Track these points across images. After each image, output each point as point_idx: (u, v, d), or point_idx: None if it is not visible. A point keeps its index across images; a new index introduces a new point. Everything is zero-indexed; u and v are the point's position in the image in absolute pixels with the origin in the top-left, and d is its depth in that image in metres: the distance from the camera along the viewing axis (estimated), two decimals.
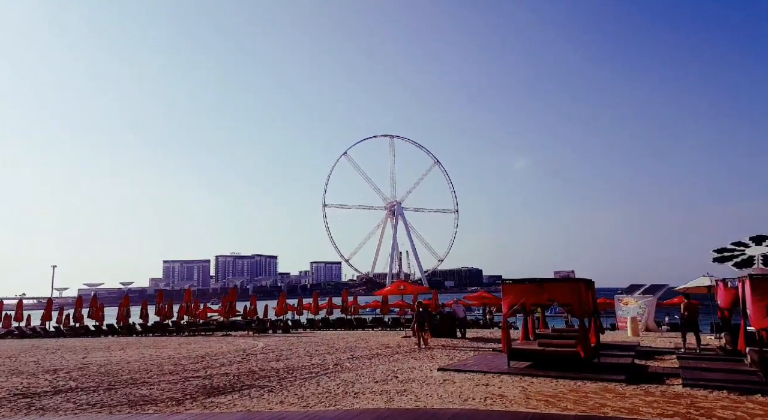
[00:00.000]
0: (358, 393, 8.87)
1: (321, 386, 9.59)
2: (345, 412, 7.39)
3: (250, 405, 8.08)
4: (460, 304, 26.86)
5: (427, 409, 7.42)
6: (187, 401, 8.45)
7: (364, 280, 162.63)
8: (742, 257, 15.38)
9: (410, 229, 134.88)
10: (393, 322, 29.43)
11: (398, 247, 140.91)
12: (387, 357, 13.98)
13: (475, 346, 16.67)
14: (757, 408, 7.30)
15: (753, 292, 9.07)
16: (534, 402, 7.82)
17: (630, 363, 11.63)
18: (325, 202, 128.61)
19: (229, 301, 29.36)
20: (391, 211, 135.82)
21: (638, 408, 7.33)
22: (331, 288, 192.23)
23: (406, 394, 8.62)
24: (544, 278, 11.75)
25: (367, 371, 11.32)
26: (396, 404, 7.90)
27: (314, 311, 33.35)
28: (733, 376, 9.50)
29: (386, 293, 27.98)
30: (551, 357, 10.98)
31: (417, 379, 10.06)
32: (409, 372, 11.08)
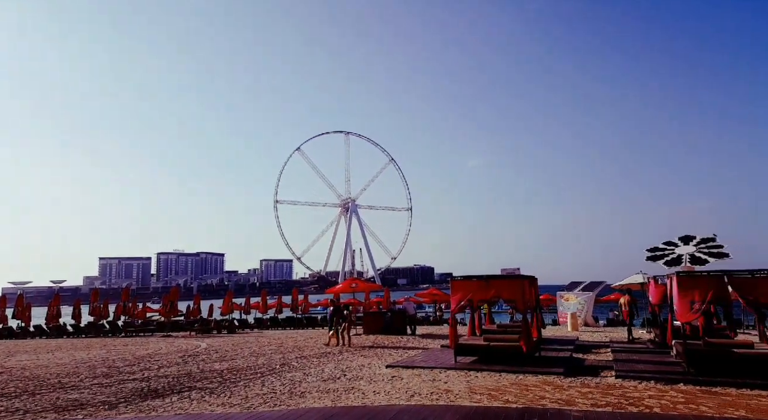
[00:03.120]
0: (304, 392, 8.75)
1: (266, 387, 9.38)
2: (290, 411, 7.26)
3: (189, 407, 7.77)
4: (411, 301, 27.14)
5: (374, 406, 7.41)
6: (121, 405, 8.03)
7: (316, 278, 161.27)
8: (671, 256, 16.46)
9: (364, 227, 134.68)
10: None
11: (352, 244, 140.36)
12: (336, 355, 13.88)
13: (424, 342, 16.88)
14: (680, 396, 7.80)
15: (679, 289, 9.68)
16: (478, 396, 7.99)
17: (568, 356, 12.15)
18: (276, 199, 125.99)
19: (171, 300, 28.19)
20: (345, 209, 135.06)
21: (574, 399, 7.65)
22: (282, 286, 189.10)
23: (353, 392, 8.58)
24: (491, 275, 12.03)
25: (315, 370, 11.19)
26: (343, 402, 7.84)
27: (262, 310, 32.69)
28: (661, 367, 10.11)
29: (338, 291, 27.80)
30: (496, 352, 11.27)
31: (365, 377, 10.04)
32: (357, 370, 11.05)
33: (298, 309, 32.41)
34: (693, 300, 9.45)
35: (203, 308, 31.70)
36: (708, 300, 9.46)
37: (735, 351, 9.40)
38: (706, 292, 9.43)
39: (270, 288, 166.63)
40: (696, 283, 9.66)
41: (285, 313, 33.88)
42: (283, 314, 33.29)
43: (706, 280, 9.71)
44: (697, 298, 9.42)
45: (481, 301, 14.22)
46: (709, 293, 9.45)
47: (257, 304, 34.14)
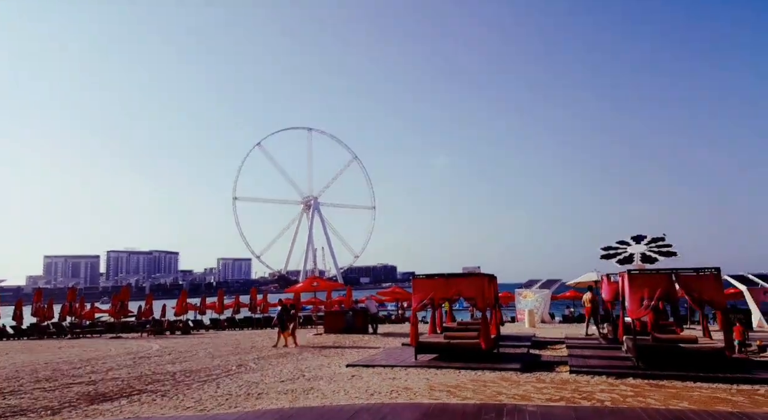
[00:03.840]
0: (261, 394, 8.53)
1: (221, 389, 9.10)
2: (245, 413, 7.06)
3: (139, 411, 7.43)
4: (373, 300, 27.12)
5: (333, 406, 7.31)
6: (64, 410, 7.58)
7: (276, 277, 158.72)
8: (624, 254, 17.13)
9: (326, 225, 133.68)
10: (305, 320, 28.98)
11: (314, 243, 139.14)
12: (295, 356, 13.67)
13: (386, 341, 16.87)
14: (629, 390, 8.10)
15: (630, 286, 10.06)
16: (437, 393, 8.03)
17: (525, 353, 12.42)
18: (235, 195, 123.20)
19: (121, 300, 27.01)
20: (307, 206, 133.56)
21: (530, 394, 7.80)
22: (240, 286, 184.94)
23: (312, 392, 8.44)
24: (452, 273, 12.13)
25: (272, 371, 10.96)
26: (301, 403, 7.70)
27: (219, 310, 31.83)
28: (612, 362, 10.48)
29: (298, 290, 27.47)
30: (456, 349, 11.38)
31: (325, 377, 9.92)
32: (317, 370, 10.91)
33: (257, 309, 31.75)
34: (643, 297, 9.84)
35: (156, 308, 30.50)
36: (657, 297, 9.88)
37: (680, 346, 9.86)
38: (655, 289, 9.85)
39: (227, 287, 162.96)
40: (646, 281, 10.06)
41: (243, 313, 33.15)
42: (240, 314, 32.57)
43: (655, 277, 10.14)
44: (647, 295, 9.82)
45: (442, 299, 14.34)
46: (658, 290, 9.87)
47: (213, 304, 33.24)
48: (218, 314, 31.96)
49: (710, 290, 9.66)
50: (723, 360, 9.25)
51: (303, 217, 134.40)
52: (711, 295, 9.68)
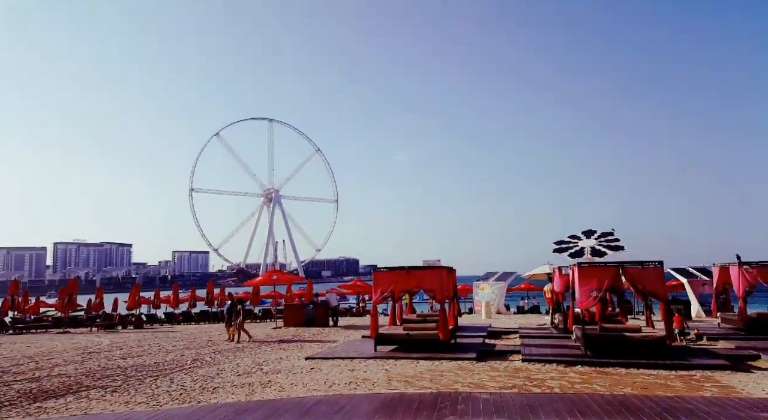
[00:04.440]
0: (217, 388, 8.41)
1: (175, 383, 8.90)
2: (200, 408, 6.95)
3: (87, 408, 7.17)
4: (333, 292, 27.12)
5: (291, 399, 7.30)
6: (3, 409, 7.22)
7: (235, 270, 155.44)
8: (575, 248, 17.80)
9: (288, 218, 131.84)
10: (264, 314, 28.62)
11: (274, 236, 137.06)
12: (253, 349, 13.51)
13: (346, 333, 16.92)
14: (577, 377, 8.49)
15: (579, 278, 10.50)
16: (395, 383, 8.15)
17: (481, 343, 12.76)
18: (192, 186, 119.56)
19: (69, 293, 25.79)
20: (267, 199, 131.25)
21: (484, 382, 8.05)
22: (197, 279, 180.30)
23: (270, 386, 8.40)
24: (412, 266, 12.27)
25: (229, 365, 10.81)
26: (258, 396, 7.64)
27: (174, 304, 30.95)
28: (562, 350, 10.93)
29: (257, 284, 27.05)
30: (415, 340, 11.55)
31: (283, 370, 9.87)
32: (275, 363, 10.83)
33: (214, 303, 31.08)
34: (591, 288, 10.30)
35: (107, 302, 29.31)
36: (604, 288, 10.37)
37: (625, 335, 10.39)
38: (603, 281, 10.33)
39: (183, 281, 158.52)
40: (594, 273, 10.53)
41: (199, 307, 32.37)
42: (197, 308, 31.78)
43: (603, 270, 10.62)
44: (595, 287, 10.29)
45: (402, 292, 14.54)
46: (606, 282, 10.36)
47: (168, 297, 32.28)
48: (173, 308, 31.07)
49: (653, 282, 10.22)
50: (664, 348, 9.81)
51: (263, 209, 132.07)
52: (654, 287, 10.24)
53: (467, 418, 5.80)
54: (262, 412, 6.48)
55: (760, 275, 13.41)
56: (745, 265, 13.58)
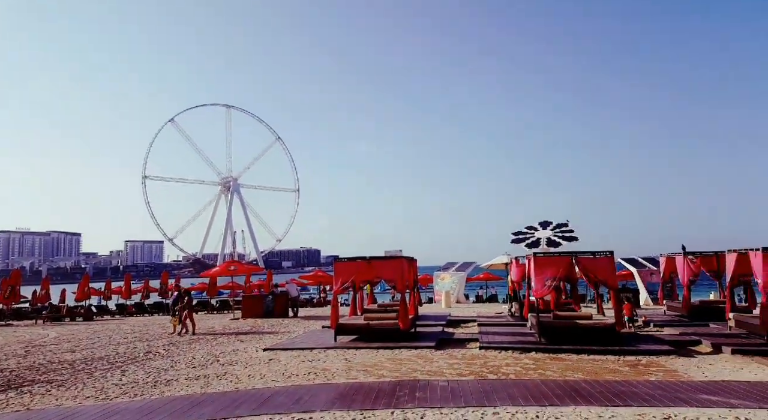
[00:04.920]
0: (171, 380, 8.18)
1: (127, 376, 8.59)
2: (153, 401, 6.73)
3: (30, 403, 6.81)
4: (294, 283, 26.83)
5: (247, 390, 7.18)
6: None
7: (191, 261, 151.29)
8: (532, 239, 18.27)
9: (247, 207, 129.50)
10: (221, 305, 28.03)
11: (233, 225, 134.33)
12: (210, 341, 13.21)
13: (306, 324, 16.79)
14: (532, 363, 8.76)
15: (535, 268, 10.80)
16: (355, 372, 8.15)
17: (440, 331, 12.96)
18: (145, 174, 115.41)
19: (11, 284, 24.36)
20: (225, 187, 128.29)
21: (442, 370, 8.17)
22: (150, 270, 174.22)
23: (226, 377, 8.23)
24: (373, 256, 12.27)
25: (184, 357, 10.52)
26: (214, 388, 7.48)
27: (126, 295, 29.85)
28: (518, 338, 11.24)
29: (214, 274, 26.41)
30: (375, 330, 11.59)
31: (240, 361, 9.69)
32: (232, 354, 10.63)
33: (168, 294, 30.16)
34: (546, 277, 10.61)
35: (54, 294, 27.95)
36: (558, 277, 10.72)
37: (577, 322, 10.78)
38: (557, 270, 10.66)
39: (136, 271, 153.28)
40: (549, 263, 10.85)
41: (153, 298, 31.36)
42: (150, 299, 30.77)
43: (558, 260, 10.96)
44: (550, 276, 10.61)
45: (363, 282, 14.56)
46: (560, 271, 10.70)
47: (120, 288, 31.09)
48: (125, 299, 29.97)
49: (604, 272, 10.63)
50: (613, 335, 10.25)
51: (221, 198, 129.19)
52: (605, 276, 10.66)
53: (425, 405, 5.87)
54: (217, 404, 6.34)
55: (703, 265, 14.21)
56: (689, 256, 14.34)
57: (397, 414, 5.57)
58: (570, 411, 5.50)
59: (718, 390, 6.35)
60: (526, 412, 5.49)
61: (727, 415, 5.21)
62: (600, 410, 5.51)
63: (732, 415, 5.23)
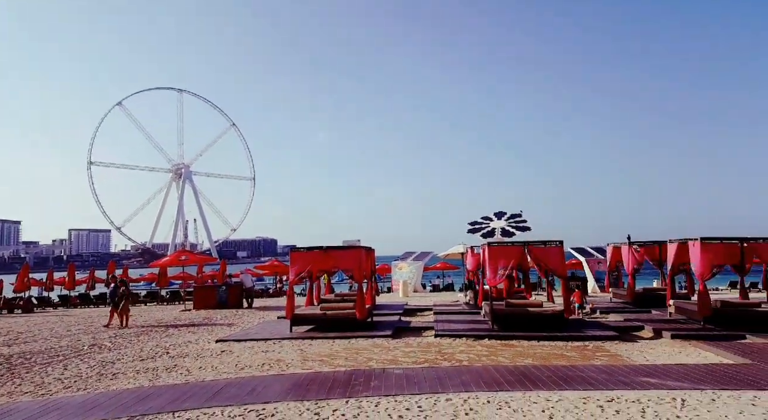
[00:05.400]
0: (117, 373, 7.86)
1: (69, 370, 8.19)
2: (97, 395, 6.44)
3: None
4: (248, 273, 26.30)
5: (198, 382, 6.99)
6: None
7: (140, 250, 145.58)
8: (487, 229, 18.64)
9: (199, 195, 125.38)
10: (172, 296, 27.17)
11: (185, 214, 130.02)
12: (160, 332, 12.78)
13: (261, 315, 16.51)
14: (484, 350, 8.97)
15: (489, 257, 11.03)
16: (310, 363, 8.09)
17: (397, 320, 13.06)
18: (90, 159, 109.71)
19: None
20: (177, 175, 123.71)
21: (398, 358, 8.24)
22: (96, 260, 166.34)
23: (176, 370, 7.99)
24: (330, 246, 12.18)
25: (131, 350, 10.13)
26: (163, 381, 7.24)
27: (69, 286, 28.36)
28: (472, 325, 11.48)
29: (164, 265, 25.51)
30: (331, 320, 11.53)
31: (191, 354, 9.42)
32: (183, 346, 10.32)
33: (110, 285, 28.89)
34: (500, 267, 10.86)
35: None
36: (511, 266, 11.00)
37: (528, 310, 11.13)
38: (510, 259, 10.93)
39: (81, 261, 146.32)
40: (502, 252, 11.10)
41: (99, 289, 29.96)
42: (96, 290, 29.41)
43: (511, 249, 11.23)
44: (503, 265, 10.86)
45: (320, 272, 14.41)
46: (512, 261, 10.98)
47: (63, 279, 29.52)
48: (69, 290, 28.51)
49: (554, 260, 11.00)
50: (562, 321, 10.64)
51: (172, 186, 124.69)
52: (555, 264, 11.02)
53: (380, 393, 5.89)
54: (166, 397, 6.13)
55: (646, 254, 14.95)
56: (634, 245, 15.06)
57: (351, 403, 5.57)
58: (520, 395, 5.67)
59: (658, 373, 6.71)
60: (477, 398, 5.61)
61: (665, 397, 5.52)
62: (548, 394, 5.71)
63: (669, 396, 5.54)
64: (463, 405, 5.37)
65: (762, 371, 6.66)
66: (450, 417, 5.00)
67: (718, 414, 4.89)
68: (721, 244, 10.58)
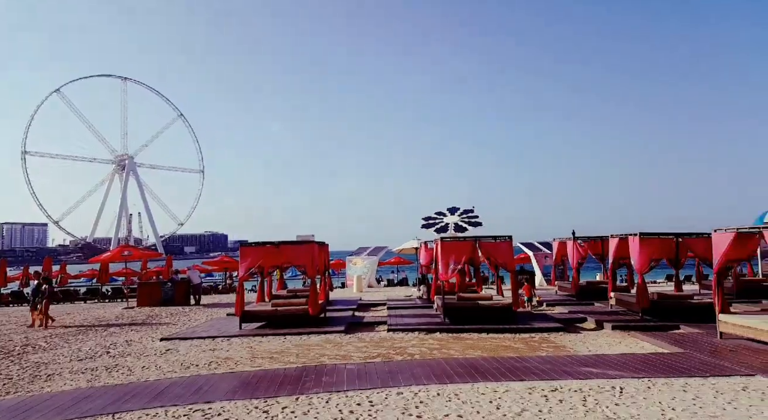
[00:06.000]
0: (52, 375, 7.41)
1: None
2: (29, 398, 6.03)
3: None
4: (196, 269, 25.44)
5: (141, 382, 6.68)
6: None
7: (80, 245, 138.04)
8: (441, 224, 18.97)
9: (144, 188, 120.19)
10: (114, 293, 25.94)
11: (128, 207, 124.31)
12: (100, 331, 12.15)
13: (209, 312, 16.02)
14: (436, 343, 9.10)
15: (442, 252, 11.19)
16: (260, 360, 7.92)
17: (351, 315, 13.03)
18: (25, 149, 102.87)
19: None
20: (120, 166, 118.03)
21: (350, 354, 8.21)
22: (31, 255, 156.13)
23: (117, 370, 7.62)
24: (282, 241, 11.95)
25: (68, 350, 9.57)
26: (102, 382, 6.89)
27: (1, 283, 26.51)
28: (425, 319, 11.62)
29: (106, 260, 24.28)
30: (283, 316, 11.35)
31: (134, 353, 9.02)
32: (124, 346, 9.86)
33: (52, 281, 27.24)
34: (452, 261, 11.04)
35: None
36: (463, 261, 11.21)
37: (479, 303, 11.38)
38: (462, 254, 11.13)
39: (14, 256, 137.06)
40: (455, 247, 11.30)
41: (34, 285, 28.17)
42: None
43: (462, 244, 11.45)
44: (455, 260, 11.05)
45: (272, 267, 14.14)
46: (464, 255, 11.18)
47: None
48: (0, 287, 26.62)
49: (504, 255, 11.29)
50: (511, 314, 10.95)
51: (115, 178, 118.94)
52: (504, 259, 11.31)
53: (331, 389, 5.84)
54: (106, 398, 5.83)
55: (590, 249, 15.63)
56: (578, 240, 15.71)
57: (302, 400, 5.49)
58: (468, 387, 5.78)
59: (599, 363, 7.03)
60: (428, 391, 5.67)
61: (605, 385, 5.78)
62: (495, 385, 5.85)
63: (609, 384, 5.80)
64: (414, 398, 5.41)
65: (693, 359, 7.11)
66: (401, 410, 5.02)
67: (652, 400, 5.17)
68: (658, 239, 11.22)
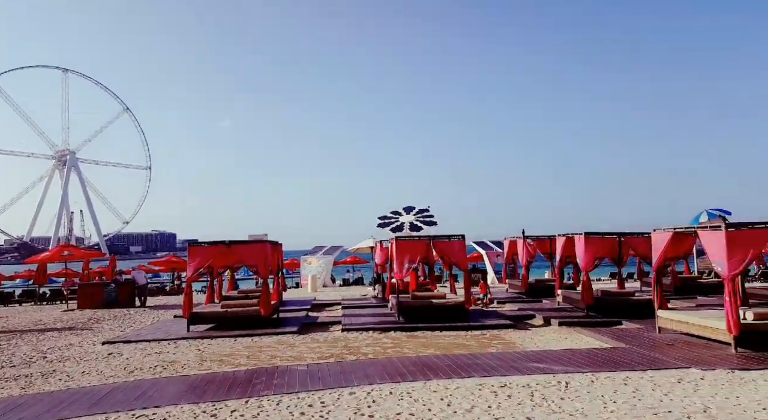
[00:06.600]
0: None
1: None
2: None
3: None
4: (141, 270, 24.41)
5: (79, 388, 6.34)
6: None
7: (16, 245, 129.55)
8: (396, 223, 19.07)
9: (87, 185, 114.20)
10: (53, 295, 24.48)
11: (70, 205, 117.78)
12: (36, 335, 11.45)
13: (155, 314, 15.40)
14: (390, 342, 9.14)
15: (397, 251, 11.25)
16: (208, 363, 7.69)
17: (304, 316, 12.87)
18: None
19: None
20: (61, 162, 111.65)
21: (303, 355, 8.11)
22: None
23: (55, 375, 7.21)
24: (233, 240, 11.64)
25: (0, 355, 8.95)
26: (38, 389, 6.50)
27: None
28: (380, 318, 11.64)
29: (44, 260, 22.92)
30: (234, 317, 11.05)
31: (73, 357, 8.55)
32: (63, 350, 9.33)
33: None
34: (407, 260, 11.12)
35: None
36: (418, 260, 11.31)
37: (433, 301, 11.52)
38: (417, 253, 11.23)
39: None
40: (409, 246, 11.38)
41: None
42: None
43: (417, 243, 11.55)
44: (409, 259, 11.13)
45: (223, 267, 13.78)
46: (418, 254, 11.29)
47: None
48: None
49: (457, 254, 11.48)
50: (463, 312, 11.13)
51: (55, 174, 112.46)
52: (457, 258, 11.51)
53: (282, 391, 5.74)
54: (41, 406, 5.50)
55: (539, 247, 16.15)
56: (527, 239, 16.20)
57: (251, 403, 5.36)
58: (421, 385, 5.83)
59: (545, 358, 7.26)
60: (381, 390, 5.68)
61: (551, 380, 5.98)
62: (447, 382, 5.93)
63: (555, 379, 6.00)
64: (366, 398, 5.40)
65: (634, 353, 7.47)
66: (353, 410, 5.00)
67: (596, 394, 5.39)
68: (602, 238, 11.74)
